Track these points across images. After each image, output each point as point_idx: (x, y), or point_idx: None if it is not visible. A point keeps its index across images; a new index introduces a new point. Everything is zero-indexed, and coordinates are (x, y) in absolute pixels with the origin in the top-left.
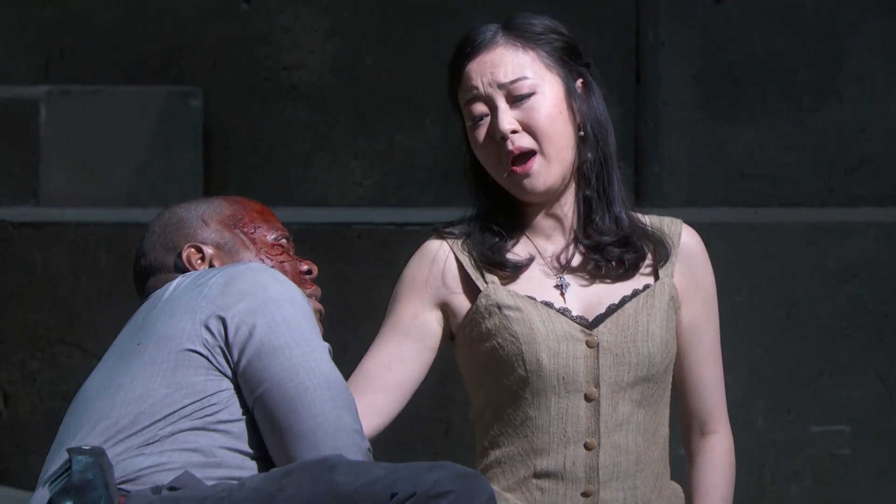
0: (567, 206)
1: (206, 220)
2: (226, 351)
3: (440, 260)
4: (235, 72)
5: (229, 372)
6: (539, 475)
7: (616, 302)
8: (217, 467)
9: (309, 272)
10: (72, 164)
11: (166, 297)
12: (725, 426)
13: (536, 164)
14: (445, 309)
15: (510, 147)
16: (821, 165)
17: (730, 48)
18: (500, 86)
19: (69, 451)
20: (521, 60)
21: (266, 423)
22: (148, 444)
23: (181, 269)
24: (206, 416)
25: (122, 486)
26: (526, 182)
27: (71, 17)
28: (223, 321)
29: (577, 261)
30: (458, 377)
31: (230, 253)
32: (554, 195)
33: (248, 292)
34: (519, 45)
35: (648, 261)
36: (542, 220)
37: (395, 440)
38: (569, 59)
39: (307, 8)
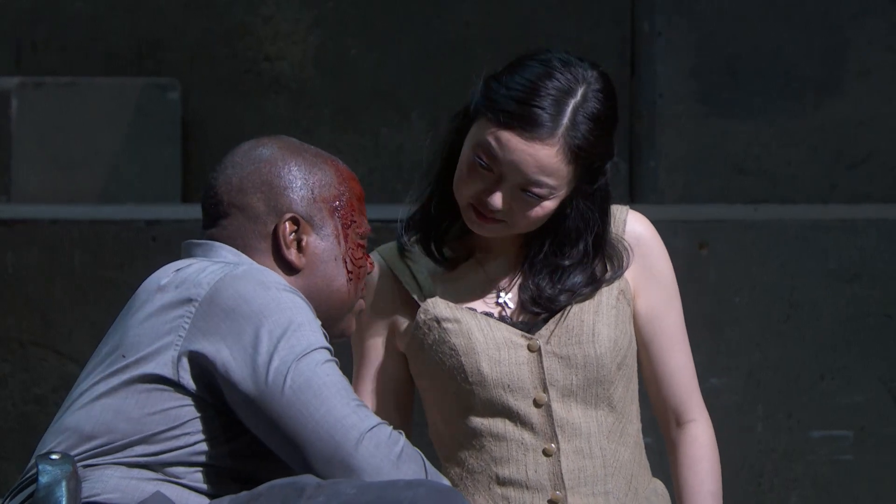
0: (520, 244)
1: (315, 193)
2: (206, 378)
3: (381, 282)
4: (215, 64)
5: (209, 397)
6: (503, 484)
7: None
8: (191, 490)
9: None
10: (44, 160)
11: (156, 299)
12: (702, 412)
13: (498, 226)
14: (395, 329)
15: (483, 210)
16: (822, 161)
17: (728, 40)
18: (518, 174)
19: (38, 458)
20: (557, 171)
21: (265, 438)
22: (118, 465)
23: (267, 234)
24: (181, 446)
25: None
26: (478, 229)
27: (44, 6)
28: (203, 350)
29: (515, 291)
30: None
31: (322, 239)
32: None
33: (230, 309)
34: (569, 156)
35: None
36: (494, 239)
37: None
38: (596, 172)
39: None
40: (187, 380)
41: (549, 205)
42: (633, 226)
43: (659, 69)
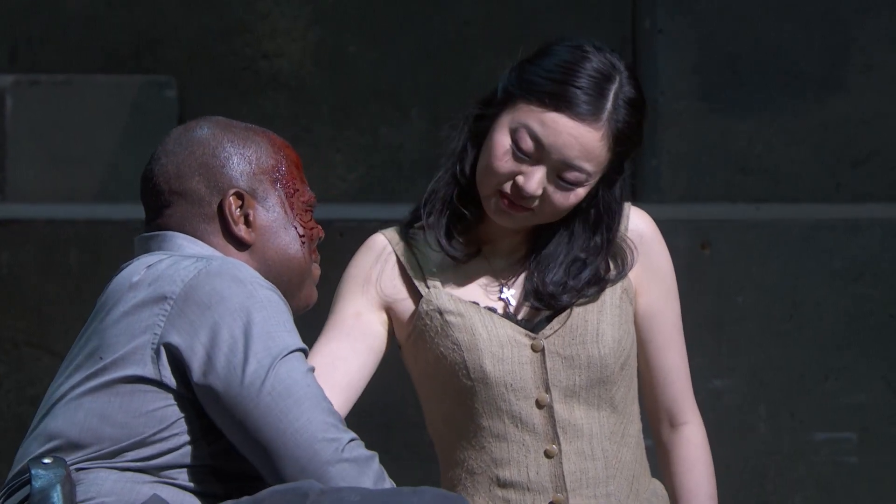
0: (524, 237)
1: (254, 165)
2: (184, 376)
3: (382, 261)
4: (213, 61)
5: (190, 395)
6: (504, 486)
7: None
8: (185, 491)
9: (321, 239)
10: (40, 158)
11: (129, 297)
12: (695, 415)
13: (525, 214)
14: (390, 314)
15: (514, 198)
16: (825, 160)
17: (731, 37)
18: (560, 157)
19: (30, 462)
20: (598, 156)
21: (235, 439)
22: (111, 469)
23: (213, 215)
24: (172, 447)
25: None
26: (502, 218)
27: (39, 3)
28: (179, 347)
29: (518, 286)
30: None
31: (268, 210)
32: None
33: (206, 306)
34: (609, 142)
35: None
36: (501, 232)
37: (381, 447)
38: (622, 161)
39: None
40: (169, 377)
41: (581, 192)
42: (635, 223)
43: (660, 67)
